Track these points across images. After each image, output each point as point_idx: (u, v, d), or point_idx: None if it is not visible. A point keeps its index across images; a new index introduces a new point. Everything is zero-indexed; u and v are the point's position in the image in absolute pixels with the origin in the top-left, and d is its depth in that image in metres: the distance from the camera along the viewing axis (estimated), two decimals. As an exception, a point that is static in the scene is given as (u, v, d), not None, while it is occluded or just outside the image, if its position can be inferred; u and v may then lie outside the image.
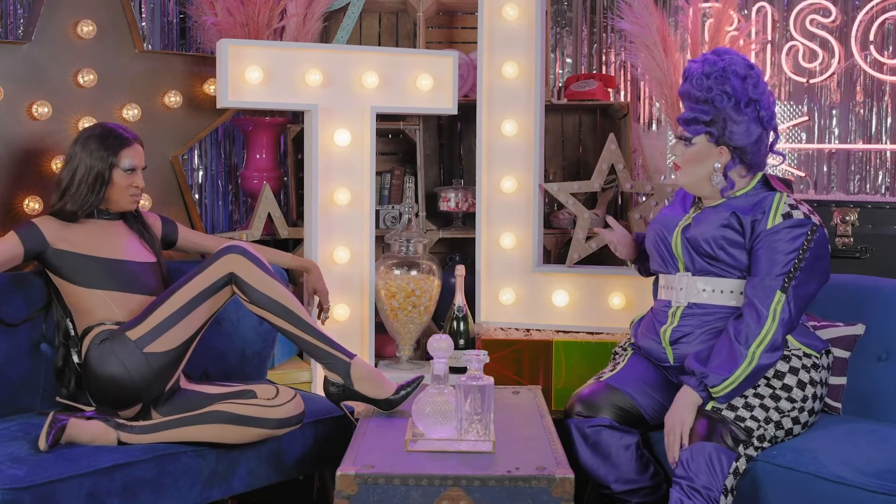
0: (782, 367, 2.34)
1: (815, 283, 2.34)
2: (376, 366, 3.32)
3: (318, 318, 2.94)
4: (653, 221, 2.63)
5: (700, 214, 2.47)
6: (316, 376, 3.17)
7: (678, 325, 2.45)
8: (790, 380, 2.32)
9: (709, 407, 2.27)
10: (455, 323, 3.23)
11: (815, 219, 2.35)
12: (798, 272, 2.29)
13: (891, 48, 4.10)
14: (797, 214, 2.33)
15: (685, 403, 2.29)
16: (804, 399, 2.32)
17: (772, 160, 2.51)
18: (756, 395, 2.29)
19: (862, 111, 4.17)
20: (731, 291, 2.40)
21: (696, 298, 2.44)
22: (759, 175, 2.46)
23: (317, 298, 2.91)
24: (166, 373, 2.41)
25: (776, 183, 2.44)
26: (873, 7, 4.06)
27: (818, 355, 2.38)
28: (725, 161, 2.42)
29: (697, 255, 2.43)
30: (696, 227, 2.45)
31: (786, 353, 2.36)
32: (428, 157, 3.91)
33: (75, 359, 2.50)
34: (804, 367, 2.35)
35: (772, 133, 2.45)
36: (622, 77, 4.30)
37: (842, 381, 2.50)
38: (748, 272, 2.38)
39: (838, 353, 2.50)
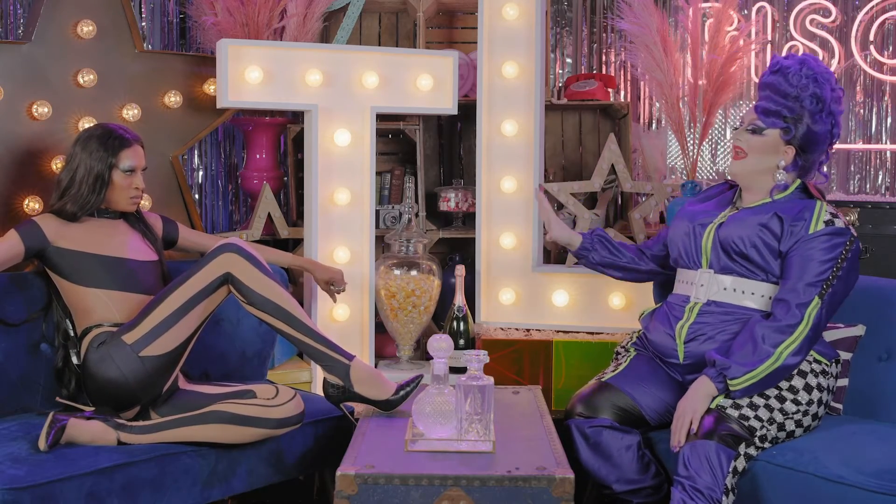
0: (790, 369, 2.35)
1: (844, 292, 2.36)
2: (376, 366, 3.32)
3: (336, 293, 2.97)
4: (679, 215, 2.60)
5: (737, 214, 2.46)
6: (316, 376, 3.17)
7: (695, 321, 2.44)
8: (797, 382, 2.32)
9: (713, 404, 2.27)
10: (455, 323, 3.23)
11: (853, 230, 2.38)
12: (836, 280, 2.30)
13: (891, 48, 4.10)
14: (838, 223, 2.35)
15: (701, 392, 2.29)
16: (809, 403, 2.32)
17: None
18: (761, 395, 2.29)
19: (862, 111, 4.17)
20: (753, 293, 2.40)
21: (716, 296, 2.43)
22: (798, 181, 2.48)
23: (316, 293, 2.91)
24: (163, 375, 2.41)
25: (815, 191, 2.46)
26: (873, 7, 4.07)
27: (828, 363, 2.39)
28: (789, 161, 2.43)
29: (725, 253, 2.42)
30: (732, 225, 2.44)
31: None
32: (428, 157, 3.90)
33: (74, 360, 2.50)
34: (813, 371, 2.35)
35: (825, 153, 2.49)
36: (622, 77, 4.31)
37: (843, 382, 2.50)
38: (773, 276, 2.38)
39: (840, 354, 2.49)
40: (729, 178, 2.59)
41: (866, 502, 2.06)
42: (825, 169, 2.53)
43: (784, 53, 4.13)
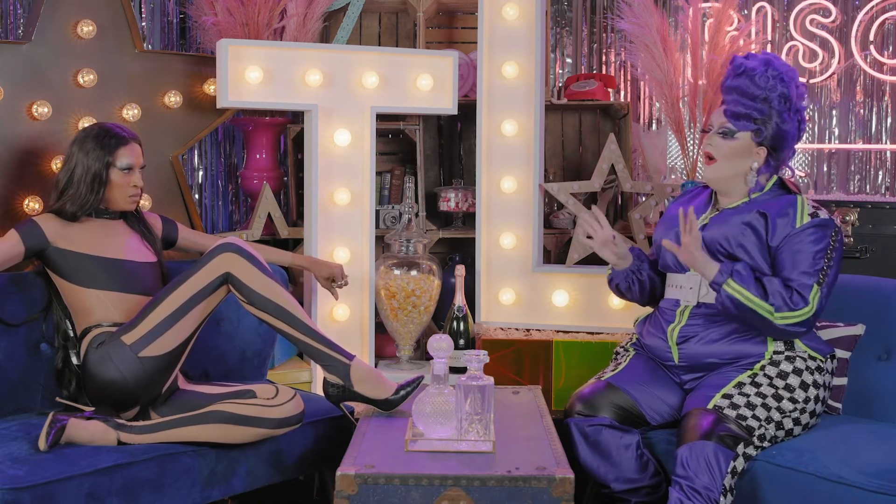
0: (786, 367, 2.35)
1: (834, 282, 2.38)
2: (376, 366, 3.32)
3: (339, 287, 2.98)
4: (662, 220, 2.62)
5: (718, 216, 2.48)
6: (316, 376, 3.17)
7: (686, 323, 2.46)
8: (793, 380, 2.33)
9: (711, 405, 2.28)
10: (455, 323, 3.23)
11: (836, 220, 2.41)
12: (829, 270, 2.33)
13: (891, 48, 4.10)
14: (822, 215, 2.38)
15: (707, 262, 2.32)
16: (806, 400, 2.33)
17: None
18: (758, 395, 2.29)
19: (862, 111, 4.17)
20: None
21: (705, 298, 2.44)
22: (775, 177, 2.49)
23: (317, 293, 2.91)
24: (162, 376, 2.41)
25: (793, 186, 2.49)
26: (873, 7, 4.07)
27: (823, 359, 2.40)
28: (762, 162, 2.45)
29: (711, 255, 2.42)
30: (715, 227, 2.45)
31: (791, 354, 2.37)
32: (428, 157, 3.90)
33: (74, 360, 2.50)
34: (808, 369, 2.36)
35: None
36: (622, 77, 4.31)
37: (842, 381, 2.50)
38: (762, 274, 2.38)
39: (839, 353, 2.50)
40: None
41: (866, 502, 2.06)
42: (791, 163, 2.57)
43: (784, 53, 4.13)
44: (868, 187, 4.18)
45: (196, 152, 3.89)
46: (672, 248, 2.38)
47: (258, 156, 3.70)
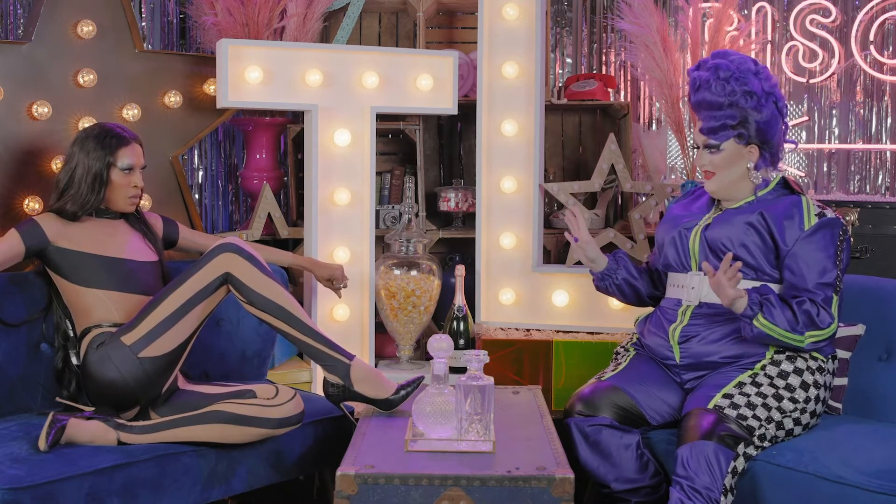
0: (787, 367, 2.35)
1: (842, 282, 2.39)
2: (376, 366, 3.32)
3: (340, 288, 2.99)
4: (664, 220, 2.62)
5: (722, 215, 2.48)
6: (316, 376, 3.17)
7: (688, 323, 2.46)
8: (794, 380, 2.33)
9: (711, 404, 2.28)
10: (455, 323, 3.23)
11: (841, 218, 2.42)
12: (841, 273, 2.35)
13: (891, 48, 4.10)
14: (829, 214, 2.39)
15: (735, 294, 2.25)
16: (806, 400, 2.33)
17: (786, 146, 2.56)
18: (759, 395, 2.29)
19: (862, 111, 4.17)
20: None
21: (707, 298, 2.44)
22: (779, 176, 2.49)
23: (317, 293, 2.91)
24: (162, 376, 2.41)
25: (796, 186, 2.49)
26: (873, 7, 4.07)
27: (824, 359, 2.40)
28: (756, 159, 2.45)
29: (714, 255, 2.43)
30: (718, 227, 2.45)
31: (791, 354, 2.37)
32: (428, 157, 3.91)
33: (74, 360, 2.50)
34: (809, 369, 2.35)
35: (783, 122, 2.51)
36: (622, 77, 4.31)
37: (843, 381, 2.50)
38: (764, 274, 2.39)
39: (839, 353, 2.50)
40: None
41: (866, 502, 2.06)
42: (790, 163, 2.57)
43: (784, 53, 4.13)
44: (868, 187, 4.18)
45: (196, 152, 3.89)
46: (708, 272, 2.30)
47: (258, 156, 3.70)
